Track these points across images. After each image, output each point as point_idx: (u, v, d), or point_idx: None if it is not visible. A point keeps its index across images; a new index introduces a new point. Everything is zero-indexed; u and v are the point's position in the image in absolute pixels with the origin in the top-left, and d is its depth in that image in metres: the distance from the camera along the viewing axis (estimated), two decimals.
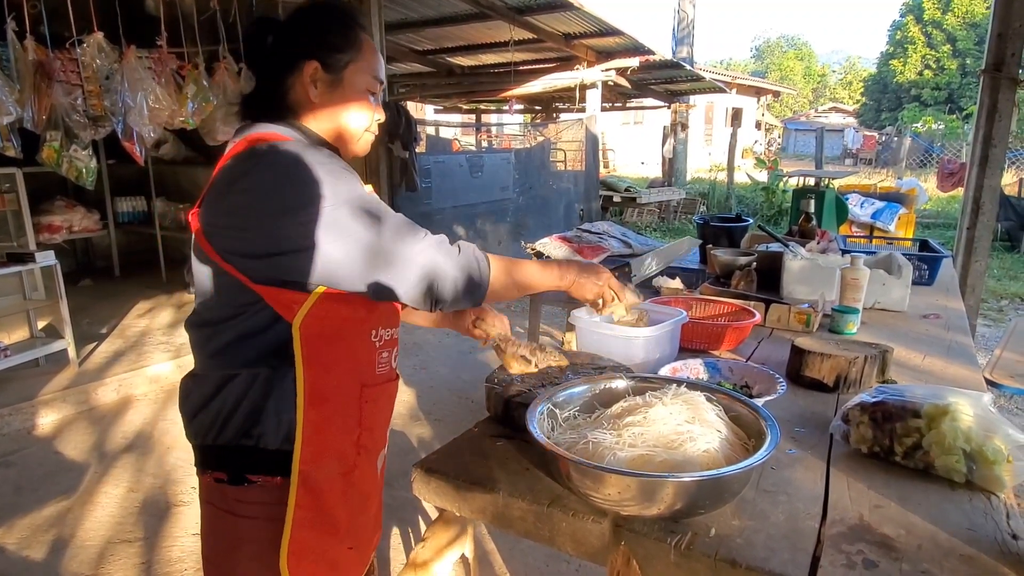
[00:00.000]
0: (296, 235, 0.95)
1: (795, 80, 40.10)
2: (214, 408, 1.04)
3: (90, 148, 4.01)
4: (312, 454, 1.04)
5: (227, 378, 1.04)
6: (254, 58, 1.13)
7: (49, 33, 3.52)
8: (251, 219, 0.97)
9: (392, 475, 2.96)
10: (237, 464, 1.05)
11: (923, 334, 1.95)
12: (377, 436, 1.16)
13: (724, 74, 20.80)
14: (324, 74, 1.08)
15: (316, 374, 1.03)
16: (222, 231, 1.00)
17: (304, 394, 1.02)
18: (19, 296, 3.96)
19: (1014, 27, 3.73)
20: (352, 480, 1.10)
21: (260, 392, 1.02)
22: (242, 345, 1.03)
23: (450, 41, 8.54)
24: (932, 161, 15.79)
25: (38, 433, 3.44)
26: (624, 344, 1.52)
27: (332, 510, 1.07)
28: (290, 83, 1.09)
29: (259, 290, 0.99)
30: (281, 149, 1.00)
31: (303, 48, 1.08)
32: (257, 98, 1.13)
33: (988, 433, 1.05)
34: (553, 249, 3.71)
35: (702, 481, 0.90)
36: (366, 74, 1.13)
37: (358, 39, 1.12)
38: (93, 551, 2.46)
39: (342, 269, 0.97)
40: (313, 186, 0.96)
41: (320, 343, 1.03)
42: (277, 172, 0.97)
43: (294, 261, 0.96)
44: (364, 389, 1.10)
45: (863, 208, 7.13)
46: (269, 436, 1.03)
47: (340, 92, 1.10)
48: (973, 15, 26.81)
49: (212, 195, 1.02)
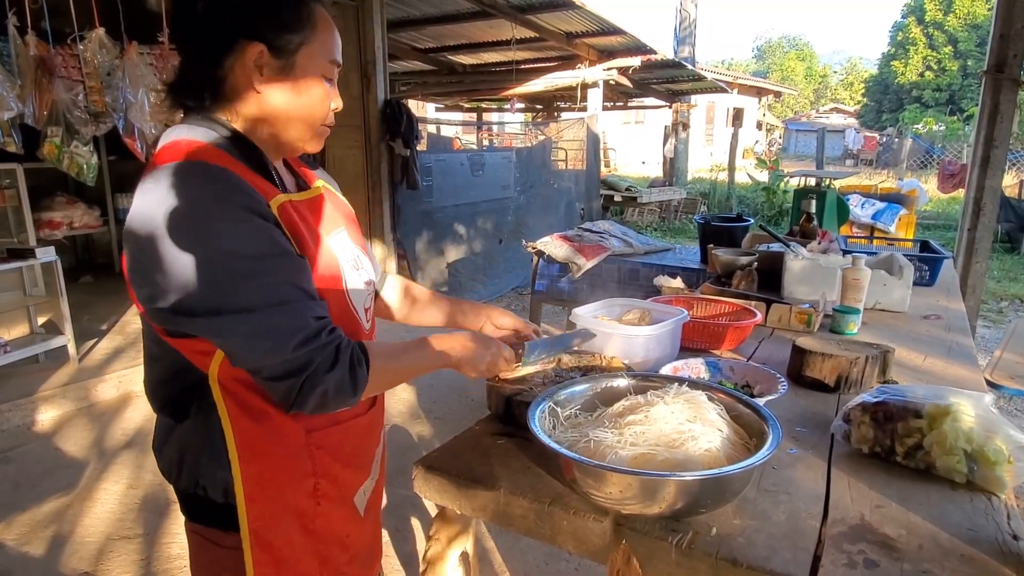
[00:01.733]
0: (195, 294, 0.82)
1: (796, 80, 40.09)
2: (167, 452, 0.98)
3: (91, 144, 4.01)
4: (261, 512, 0.93)
5: (171, 423, 0.96)
6: (181, 33, 0.95)
7: (50, 29, 3.52)
8: (146, 263, 0.84)
9: (392, 473, 2.96)
10: (198, 512, 0.99)
11: (924, 335, 1.95)
12: (345, 478, 1.04)
13: (725, 74, 20.77)
14: (271, 59, 0.91)
15: (245, 426, 0.91)
16: (128, 266, 0.88)
17: (236, 448, 0.91)
18: (19, 292, 3.96)
19: (1016, 28, 3.73)
20: (316, 530, 1.00)
21: (197, 443, 0.94)
22: (166, 387, 0.95)
23: (452, 39, 8.54)
24: (933, 162, 15.78)
25: (38, 429, 3.44)
26: (625, 343, 1.52)
27: (297, 563, 0.98)
28: (228, 66, 0.91)
29: (164, 338, 0.90)
30: (180, 176, 0.84)
31: (245, 26, 0.90)
32: (185, 84, 0.95)
33: (989, 434, 1.05)
34: (554, 248, 3.72)
35: (704, 480, 0.90)
36: (321, 57, 0.95)
37: (312, 15, 0.93)
38: (92, 547, 2.46)
39: (220, 339, 0.85)
40: (220, 234, 0.83)
41: (244, 392, 0.91)
42: (185, 211, 0.83)
43: (189, 322, 0.84)
44: (312, 435, 0.97)
45: (864, 209, 7.13)
46: (212, 490, 0.94)
47: (291, 80, 0.93)
48: (975, 16, 26.79)
49: (127, 219, 0.89)
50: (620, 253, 3.74)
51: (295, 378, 0.85)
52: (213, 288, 0.82)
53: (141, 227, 0.84)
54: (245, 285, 0.84)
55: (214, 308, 0.83)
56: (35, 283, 4.00)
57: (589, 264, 3.56)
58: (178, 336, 0.89)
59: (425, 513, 2.65)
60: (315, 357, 0.86)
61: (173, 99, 0.97)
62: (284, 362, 0.85)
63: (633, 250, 3.82)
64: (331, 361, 0.88)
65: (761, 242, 2.75)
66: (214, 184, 0.86)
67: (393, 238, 5.75)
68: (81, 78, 3.62)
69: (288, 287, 0.87)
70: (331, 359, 0.88)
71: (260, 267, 0.85)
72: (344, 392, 0.90)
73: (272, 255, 0.86)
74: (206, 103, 0.95)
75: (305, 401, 0.87)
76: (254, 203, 0.87)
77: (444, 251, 6.35)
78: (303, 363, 0.85)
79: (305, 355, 0.85)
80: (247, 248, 0.84)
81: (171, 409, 0.96)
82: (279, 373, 0.85)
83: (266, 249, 0.86)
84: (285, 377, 0.85)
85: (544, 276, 3.93)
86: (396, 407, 3.75)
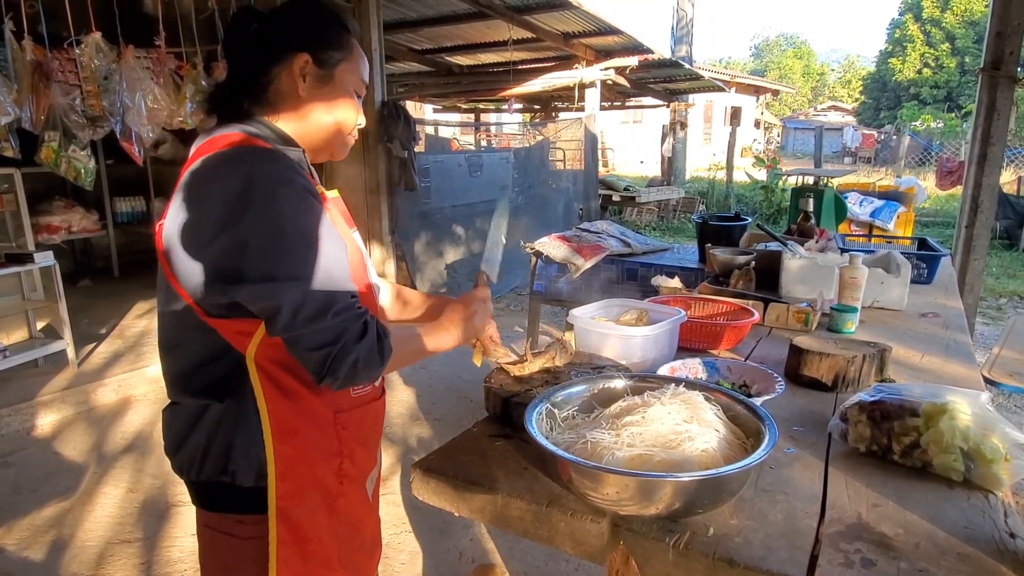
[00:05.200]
0: (248, 261, 0.89)
1: (794, 79, 40.09)
2: (191, 443, 1.01)
3: (88, 148, 4.00)
4: (289, 490, 0.99)
5: (200, 411, 0.99)
6: (234, 46, 1.06)
7: (47, 33, 3.52)
8: (203, 235, 0.92)
9: (391, 474, 2.96)
10: (220, 501, 1.03)
11: (921, 333, 1.96)
12: (363, 460, 1.12)
13: (723, 73, 20.77)
14: (315, 68, 1.04)
15: (279, 406, 0.98)
16: (176, 248, 0.95)
17: (270, 428, 0.97)
18: (18, 297, 3.96)
19: (1012, 25, 3.73)
20: (338, 510, 1.07)
21: (229, 426, 0.98)
22: (199, 374, 0.99)
23: (449, 40, 8.53)
24: (931, 159, 15.78)
25: (37, 434, 3.44)
26: (622, 344, 1.52)
27: (319, 544, 1.03)
28: (275, 74, 1.03)
29: (207, 319, 0.95)
30: (245, 156, 0.94)
31: (296, 39, 1.03)
32: (233, 89, 1.06)
33: (986, 432, 1.05)
34: (552, 248, 3.72)
35: (700, 480, 0.90)
36: (355, 75, 1.09)
37: (350, 40, 1.09)
38: (93, 552, 2.46)
39: (274, 310, 0.90)
40: (278, 208, 0.90)
41: (279, 372, 0.98)
42: (245, 185, 0.91)
43: (238, 289, 0.90)
44: (339, 415, 1.05)
45: (862, 207, 7.13)
46: (242, 473, 0.99)
47: (330, 89, 1.06)
48: (972, 13, 26.81)
49: (173, 207, 0.96)
50: (618, 253, 3.74)
51: (331, 347, 0.91)
52: (270, 256, 0.90)
53: (202, 203, 0.92)
54: (300, 256, 0.91)
55: (269, 274, 0.89)
56: (34, 287, 4.00)
57: (587, 264, 3.56)
58: (221, 316, 0.95)
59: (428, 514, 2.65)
60: (349, 327, 0.93)
61: (212, 105, 1.07)
62: (322, 331, 0.91)
63: (631, 250, 3.82)
64: (361, 331, 0.94)
65: (759, 241, 2.76)
66: (276, 164, 0.94)
67: (391, 240, 5.75)
68: (78, 82, 3.61)
69: (333, 263, 0.95)
70: (362, 329, 0.94)
71: (313, 241, 0.93)
72: (372, 362, 0.95)
73: (323, 233, 0.95)
74: (244, 107, 1.04)
75: (338, 369, 0.92)
76: (309, 185, 0.97)
77: (443, 252, 6.35)
78: (338, 332, 0.92)
79: (340, 323, 0.92)
80: (305, 224, 0.93)
81: (206, 394, 0.99)
82: (316, 343, 0.91)
83: (319, 227, 0.95)
84: (322, 346, 0.91)
85: (542, 276, 3.93)
86: (395, 408, 3.75)
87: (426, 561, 2.40)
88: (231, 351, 0.97)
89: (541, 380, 1.33)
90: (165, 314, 1.02)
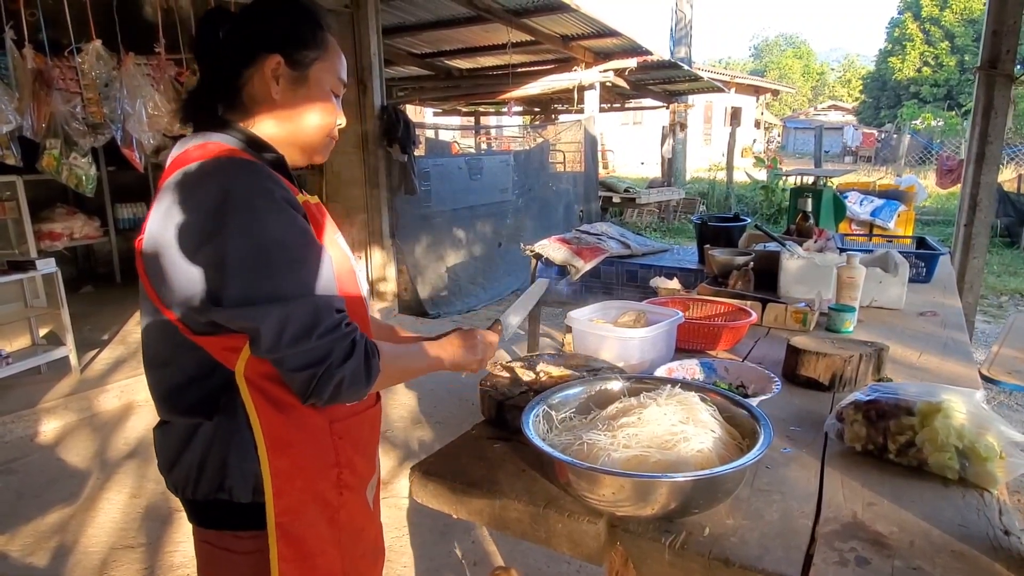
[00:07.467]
0: (226, 280, 0.86)
1: (794, 79, 40.09)
2: (185, 462, 0.98)
3: (90, 155, 4.02)
4: (288, 506, 0.96)
5: (191, 430, 0.96)
6: (204, 50, 1.01)
7: (47, 41, 3.54)
8: (179, 253, 0.88)
9: (393, 478, 2.97)
10: (218, 519, 1.00)
11: (919, 331, 1.96)
12: (362, 468, 1.09)
13: (723, 73, 20.79)
14: (288, 70, 0.99)
15: (273, 419, 0.95)
16: (153, 265, 0.91)
17: (264, 442, 0.94)
18: (20, 304, 3.97)
19: (1008, 24, 3.74)
20: (339, 521, 1.04)
21: (222, 443, 0.95)
22: (188, 392, 0.96)
23: (448, 44, 8.56)
24: (931, 158, 15.78)
25: (40, 440, 3.45)
26: (620, 345, 1.53)
27: (322, 557, 1.01)
28: (246, 77, 0.99)
29: (191, 336, 0.92)
30: (220, 170, 0.90)
31: (265, 40, 0.98)
32: (205, 95, 1.02)
33: (981, 430, 1.05)
34: (552, 250, 3.73)
35: (696, 481, 0.91)
36: (331, 74, 1.04)
37: (325, 37, 1.03)
38: (96, 557, 2.47)
39: (257, 327, 0.87)
40: (256, 223, 0.87)
41: (271, 386, 0.94)
42: (220, 199, 0.87)
43: (217, 312, 0.87)
44: (335, 424, 1.02)
45: (862, 206, 7.12)
46: (238, 489, 0.96)
47: (304, 91, 1.01)
48: (971, 12, 26.80)
49: (149, 222, 0.92)
50: (618, 255, 3.75)
51: (315, 368, 0.89)
52: (248, 275, 0.86)
53: (178, 218, 0.88)
54: (280, 274, 0.88)
55: (248, 296, 0.86)
56: (36, 294, 4.01)
57: (587, 266, 3.57)
58: (205, 333, 0.92)
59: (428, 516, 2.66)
60: (335, 347, 0.90)
61: (186, 112, 1.03)
62: (307, 351, 0.88)
63: (631, 251, 3.83)
64: (348, 351, 0.91)
65: (757, 242, 2.76)
66: (254, 177, 0.91)
67: (392, 244, 5.76)
68: (79, 90, 3.64)
69: (316, 278, 0.92)
70: (348, 349, 0.92)
71: (295, 257, 0.90)
72: (358, 382, 0.93)
73: (305, 246, 0.92)
74: (219, 113, 1.01)
75: (322, 391, 0.90)
76: (289, 196, 0.93)
77: (443, 256, 6.36)
78: (324, 353, 0.89)
79: (326, 344, 0.89)
80: (285, 238, 0.89)
81: (195, 412, 0.96)
82: (300, 364, 0.88)
83: (301, 240, 0.91)
84: (305, 367, 0.89)
85: (543, 279, 3.94)
86: (397, 412, 3.76)
87: (428, 564, 2.41)
88: (220, 368, 0.94)
89: (537, 384, 1.34)
90: (149, 330, 0.99)
